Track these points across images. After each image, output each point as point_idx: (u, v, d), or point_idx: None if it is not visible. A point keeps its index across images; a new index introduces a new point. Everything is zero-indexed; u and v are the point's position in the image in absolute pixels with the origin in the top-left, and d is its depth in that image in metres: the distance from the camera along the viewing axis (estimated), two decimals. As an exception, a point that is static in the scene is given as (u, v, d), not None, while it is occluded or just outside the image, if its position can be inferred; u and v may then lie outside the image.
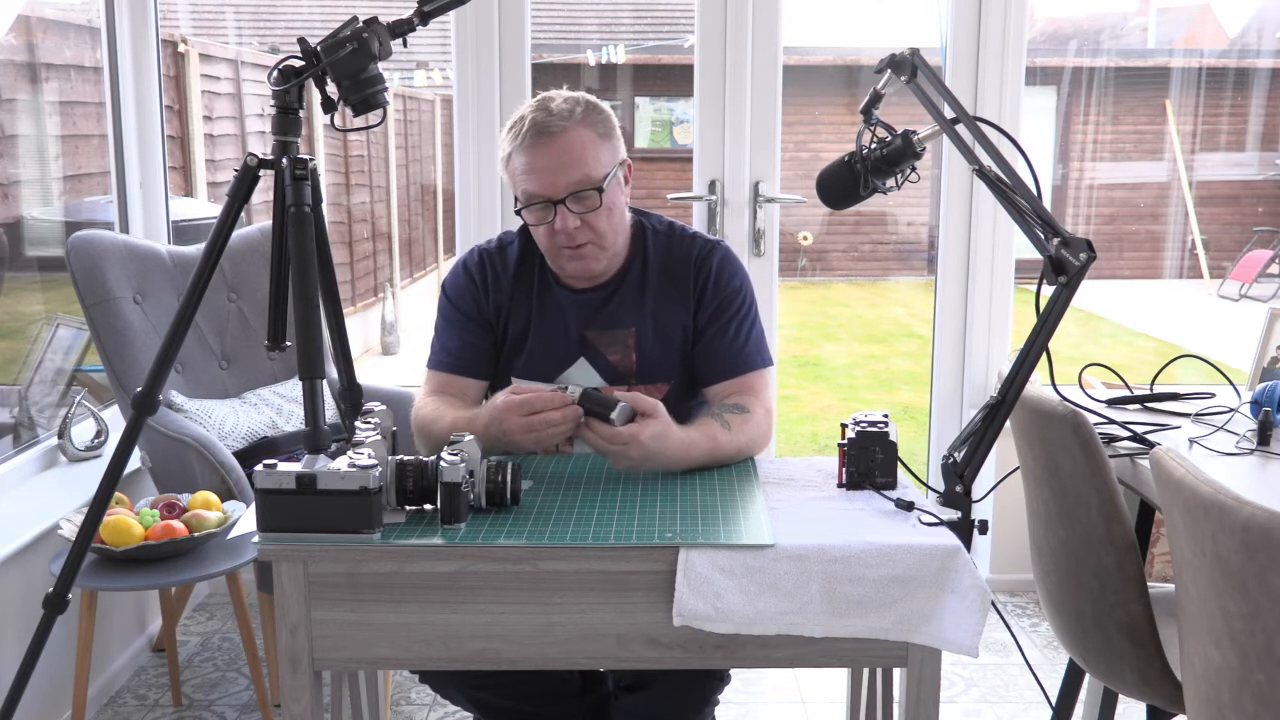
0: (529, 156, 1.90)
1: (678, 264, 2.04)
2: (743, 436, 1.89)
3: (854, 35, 8.85)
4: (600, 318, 2.02)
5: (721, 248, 2.07)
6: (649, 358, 2.01)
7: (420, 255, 8.59)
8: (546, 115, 1.89)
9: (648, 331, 2.01)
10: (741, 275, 2.06)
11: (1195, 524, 1.44)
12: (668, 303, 2.02)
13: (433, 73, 7.89)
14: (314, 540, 1.52)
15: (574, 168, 1.90)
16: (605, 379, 2.01)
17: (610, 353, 2.01)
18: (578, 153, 1.90)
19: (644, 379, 2.02)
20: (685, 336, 2.02)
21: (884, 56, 1.91)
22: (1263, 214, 8.42)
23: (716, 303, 2.02)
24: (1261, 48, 8.58)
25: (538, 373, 2.02)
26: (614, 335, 2.01)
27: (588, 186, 1.90)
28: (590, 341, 2.01)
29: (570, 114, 1.90)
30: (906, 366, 7.69)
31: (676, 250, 2.05)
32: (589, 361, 2.01)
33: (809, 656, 1.57)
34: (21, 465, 2.83)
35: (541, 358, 2.02)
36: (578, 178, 1.90)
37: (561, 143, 1.89)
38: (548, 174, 1.90)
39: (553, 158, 1.89)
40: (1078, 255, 1.64)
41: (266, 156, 1.80)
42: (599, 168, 1.91)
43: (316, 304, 1.73)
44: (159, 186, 3.39)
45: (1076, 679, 2.24)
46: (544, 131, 1.89)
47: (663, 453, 1.76)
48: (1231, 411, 2.21)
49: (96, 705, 2.75)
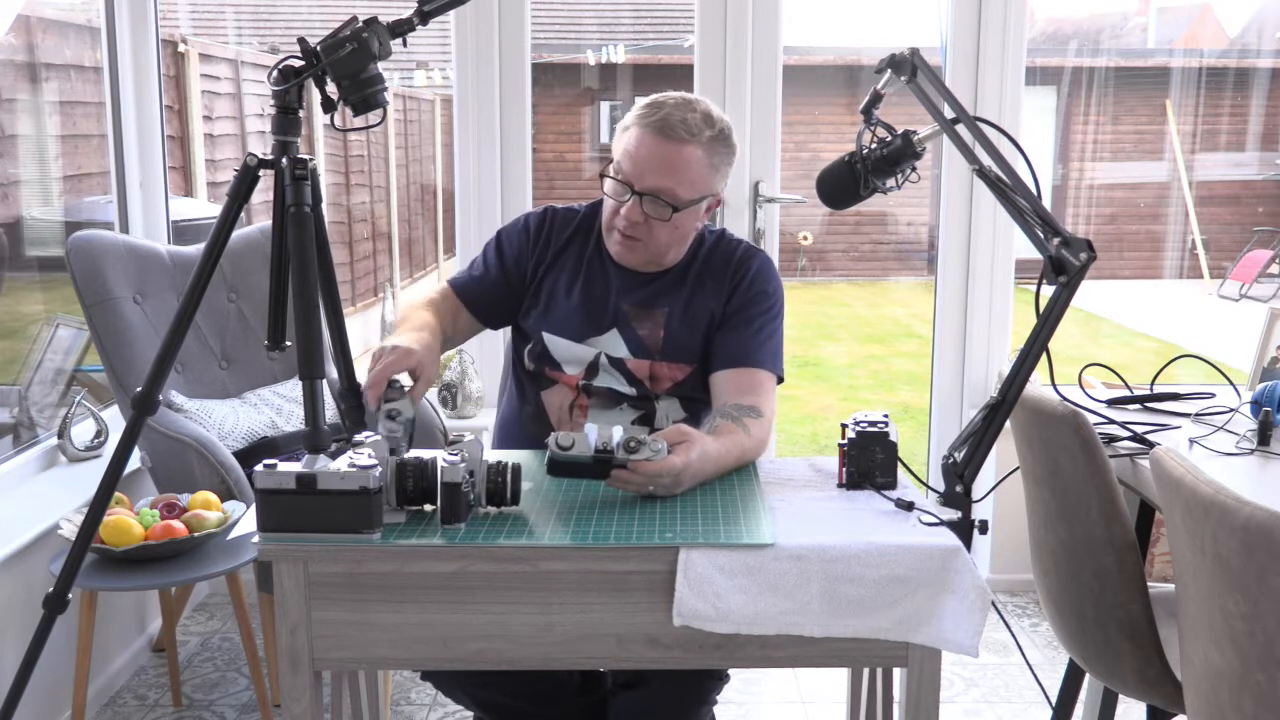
0: (641, 140, 1.95)
1: (720, 259, 2.10)
2: (759, 441, 1.91)
3: (854, 35, 8.85)
4: (640, 295, 2.07)
5: (764, 256, 2.14)
6: (675, 337, 2.05)
7: (420, 255, 8.59)
8: (681, 119, 1.94)
9: (678, 313, 2.06)
10: (776, 283, 2.12)
11: (1195, 524, 1.44)
12: (702, 291, 2.07)
13: (433, 73, 7.89)
14: (314, 540, 1.52)
15: (669, 176, 1.94)
16: (631, 352, 2.05)
17: (640, 328, 2.06)
18: (681, 166, 1.94)
19: (668, 356, 2.06)
20: (711, 322, 2.07)
21: (884, 56, 1.91)
22: (1263, 214, 8.42)
23: (747, 298, 2.06)
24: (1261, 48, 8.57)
25: (571, 331, 2.06)
26: (648, 313, 2.06)
27: (668, 199, 1.95)
28: (625, 314, 2.06)
29: (700, 132, 1.95)
30: (906, 366, 7.69)
31: (722, 250, 2.11)
32: (620, 334, 2.06)
33: (809, 656, 1.57)
34: (21, 465, 2.83)
35: (578, 318, 2.07)
36: (665, 186, 1.94)
37: (674, 149, 1.93)
38: (644, 165, 1.94)
39: (658, 156, 1.93)
40: (1078, 255, 1.64)
41: (266, 156, 1.80)
42: (690, 190, 1.96)
43: (316, 304, 1.73)
44: (159, 186, 3.39)
45: (1076, 679, 2.24)
46: (667, 131, 1.93)
47: (704, 471, 1.76)
48: (1231, 411, 2.21)
49: (96, 705, 2.75)
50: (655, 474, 1.66)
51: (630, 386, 2.05)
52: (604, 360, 2.06)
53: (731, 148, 2.02)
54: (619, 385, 2.05)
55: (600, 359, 2.06)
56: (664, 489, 1.68)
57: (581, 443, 1.64)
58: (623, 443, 1.64)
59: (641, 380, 2.05)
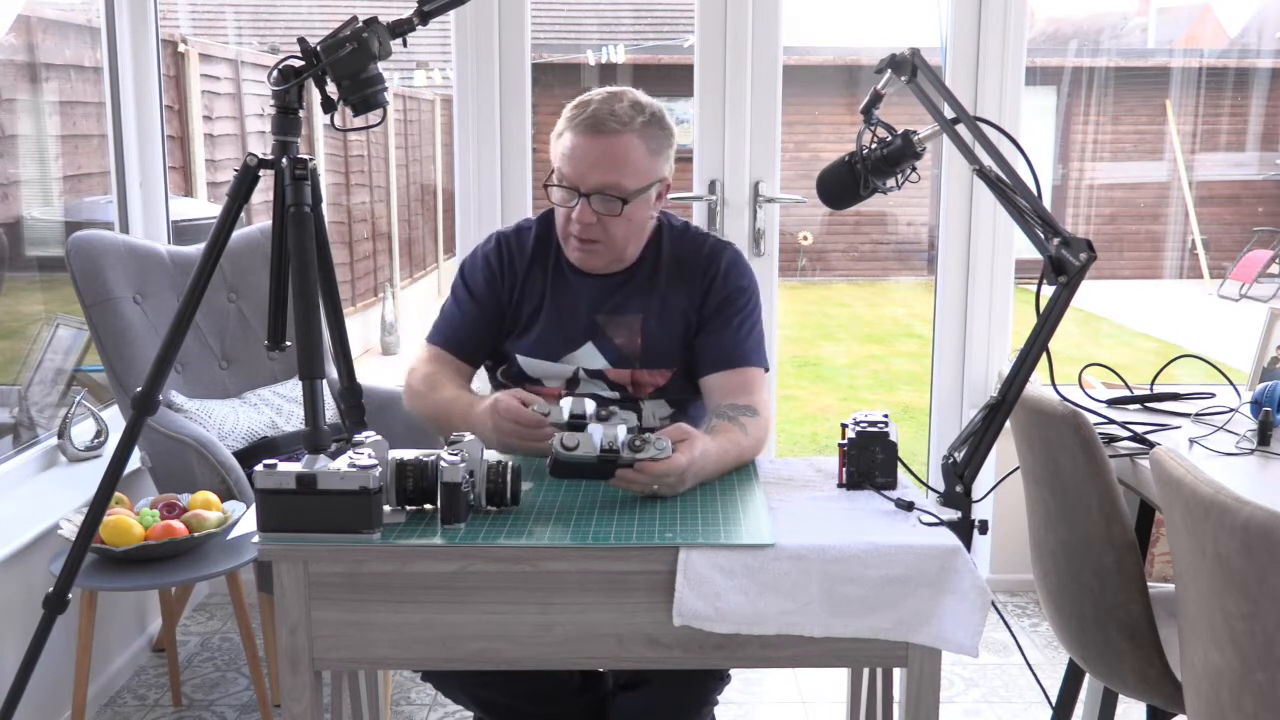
0: (575, 141, 1.93)
1: (688, 258, 2.07)
2: (756, 440, 1.91)
3: (854, 35, 8.85)
4: (610, 303, 2.05)
5: (733, 249, 2.11)
6: (653, 343, 2.04)
7: (420, 255, 8.59)
8: (610, 111, 1.92)
9: (654, 318, 2.04)
10: (749, 277, 2.10)
11: (1195, 524, 1.44)
12: (675, 293, 2.05)
13: (433, 73, 7.89)
14: (314, 540, 1.52)
15: (610, 170, 1.93)
16: (610, 362, 2.04)
17: (616, 337, 2.04)
18: (620, 158, 1.93)
19: (647, 364, 2.04)
20: (689, 326, 2.05)
21: (884, 56, 1.91)
22: (1263, 214, 8.42)
23: (722, 297, 2.05)
24: (1261, 48, 8.58)
25: (546, 351, 2.05)
26: (622, 320, 2.04)
27: (615, 194, 1.93)
28: (599, 325, 2.04)
29: (631, 120, 1.93)
30: (906, 366, 7.69)
31: (689, 246, 2.09)
32: (596, 346, 2.04)
33: (809, 656, 1.57)
34: (21, 465, 2.83)
35: (552, 338, 2.05)
36: (610, 181, 1.93)
37: (610, 142, 1.92)
38: (584, 165, 1.93)
39: (595, 153, 1.92)
40: (1078, 255, 1.64)
41: (266, 156, 1.80)
42: (635, 180, 1.94)
43: (316, 304, 1.73)
44: (159, 186, 3.39)
45: (1076, 679, 2.24)
46: (599, 126, 1.91)
47: (705, 469, 1.76)
48: (1231, 411, 2.21)
49: (96, 705, 2.75)
50: (662, 474, 1.66)
51: (613, 392, 2.05)
52: (582, 374, 2.05)
53: (667, 130, 1.99)
54: (602, 392, 2.05)
55: (579, 373, 2.05)
56: (668, 488, 1.68)
57: (586, 443, 1.63)
58: (628, 442, 1.64)
59: (624, 386, 2.05)
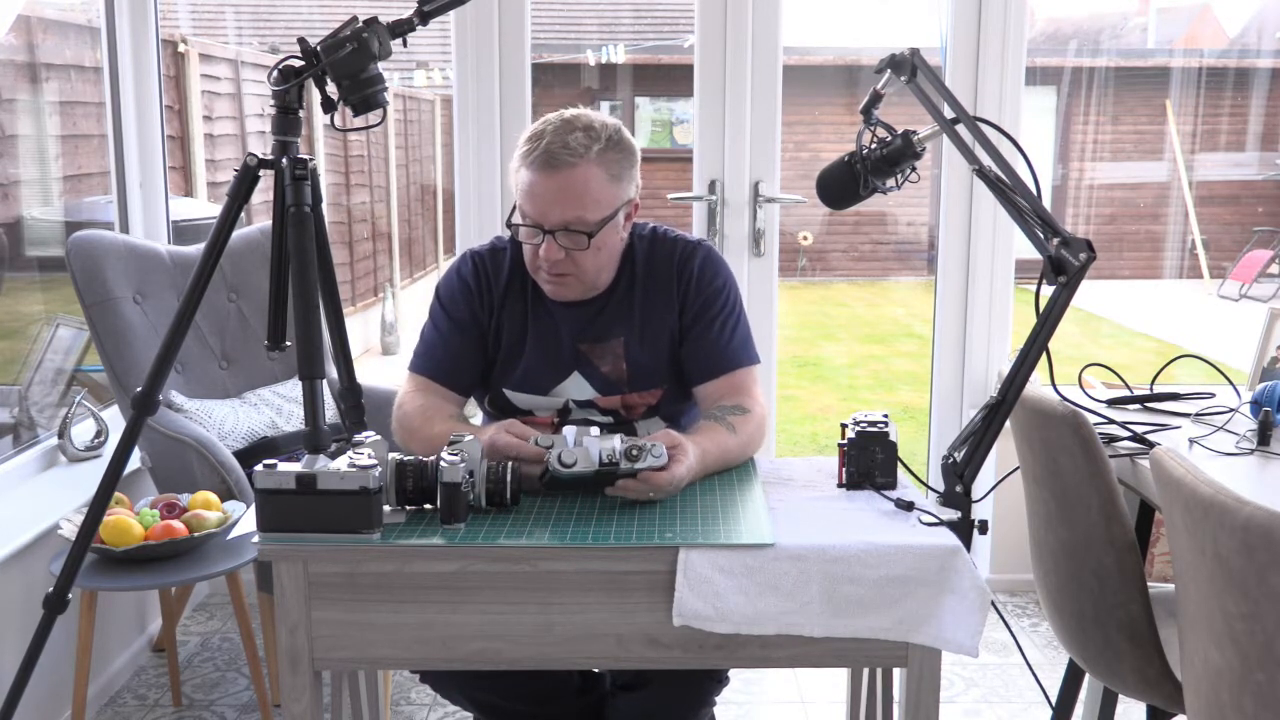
0: (533, 178, 1.85)
1: (661, 267, 2.01)
2: (746, 437, 1.89)
3: (854, 35, 8.85)
4: (592, 329, 1.99)
5: (704, 248, 2.04)
6: (639, 365, 1.99)
7: (420, 255, 8.59)
8: (563, 144, 1.83)
9: (635, 340, 1.99)
10: (725, 274, 2.04)
11: (1195, 524, 1.44)
12: (654, 308, 2.00)
13: (433, 73, 7.89)
14: (314, 540, 1.52)
15: (571, 206, 1.85)
16: (598, 390, 1.99)
17: (602, 364, 1.99)
18: (579, 192, 1.85)
19: (635, 386, 2.00)
20: (673, 340, 2.01)
21: (884, 56, 1.91)
22: (1263, 214, 8.42)
23: (700, 302, 2.00)
24: (1261, 48, 8.57)
25: (533, 385, 2.00)
26: (605, 347, 1.99)
27: (580, 228, 1.86)
28: (583, 354, 1.99)
29: (587, 150, 1.84)
30: (906, 366, 7.69)
31: (660, 253, 2.02)
32: (582, 375, 1.99)
33: (809, 656, 1.58)
34: (21, 465, 2.83)
35: (537, 371, 2.00)
36: (572, 217, 1.86)
37: (567, 177, 1.84)
38: (544, 203, 1.85)
39: (554, 189, 1.84)
40: (1077, 255, 1.64)
41: (266, 156, 1.80)
42: (597, 210, 1.87)
43: (316, 304, 1.73)
44: (159, 186, 3.39)
45: (1076, 679, 2.24)
46: (554, 161, 1.83)
47: (693, 471, 1.75)
48: (1231, 411, 2.21)
49: (96, 705, 2.75)
50: (664, 485, 1.66)
51: (606, 416, 2.02)
52: (573, 405, 2.00)
53: (627, 150, 1.91)
54: (595, 417, 2.01)
55: (569, 405, 2.00)
56: (663, 494, 1.68)
57: (584, 458, 1.62)
58: (625, 452, 1.63)
59: (616, 411, 2.01)
